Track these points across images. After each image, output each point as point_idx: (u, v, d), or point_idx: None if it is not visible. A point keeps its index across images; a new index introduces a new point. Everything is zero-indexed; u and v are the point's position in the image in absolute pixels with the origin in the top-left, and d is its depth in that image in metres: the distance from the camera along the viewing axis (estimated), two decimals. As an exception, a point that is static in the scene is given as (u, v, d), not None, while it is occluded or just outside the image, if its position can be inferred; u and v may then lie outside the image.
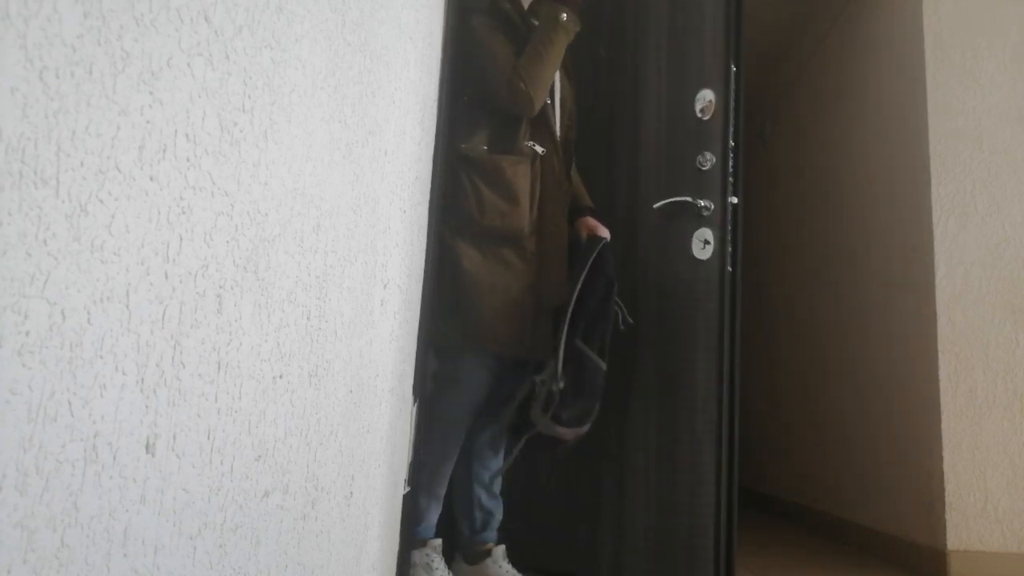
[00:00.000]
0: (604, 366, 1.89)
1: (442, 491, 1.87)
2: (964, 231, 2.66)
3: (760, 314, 4.56)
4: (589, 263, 1.92)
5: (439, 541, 1.88)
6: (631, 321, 2.01)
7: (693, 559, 2.03)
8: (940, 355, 2.58)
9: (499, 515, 1.99)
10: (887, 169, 3.10)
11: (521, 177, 1.85)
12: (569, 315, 1.86)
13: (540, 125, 1.93)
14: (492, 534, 1.97)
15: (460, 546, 1.99)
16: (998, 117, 2.73)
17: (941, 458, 2.53)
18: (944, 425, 2.54)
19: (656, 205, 2.15)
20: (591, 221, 2.11)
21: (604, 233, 2.06)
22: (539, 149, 1.90)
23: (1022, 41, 2.79)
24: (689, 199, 2.12)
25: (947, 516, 2.48)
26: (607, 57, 2.35)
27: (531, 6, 2.04)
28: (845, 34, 3.65)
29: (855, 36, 3.53)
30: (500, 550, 1.96)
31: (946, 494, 2.50)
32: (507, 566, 1.94)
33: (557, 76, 2.01)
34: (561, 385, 1.82)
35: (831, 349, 3.63)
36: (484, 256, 1.83)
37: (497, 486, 2.01)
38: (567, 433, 1.87)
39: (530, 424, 1.87)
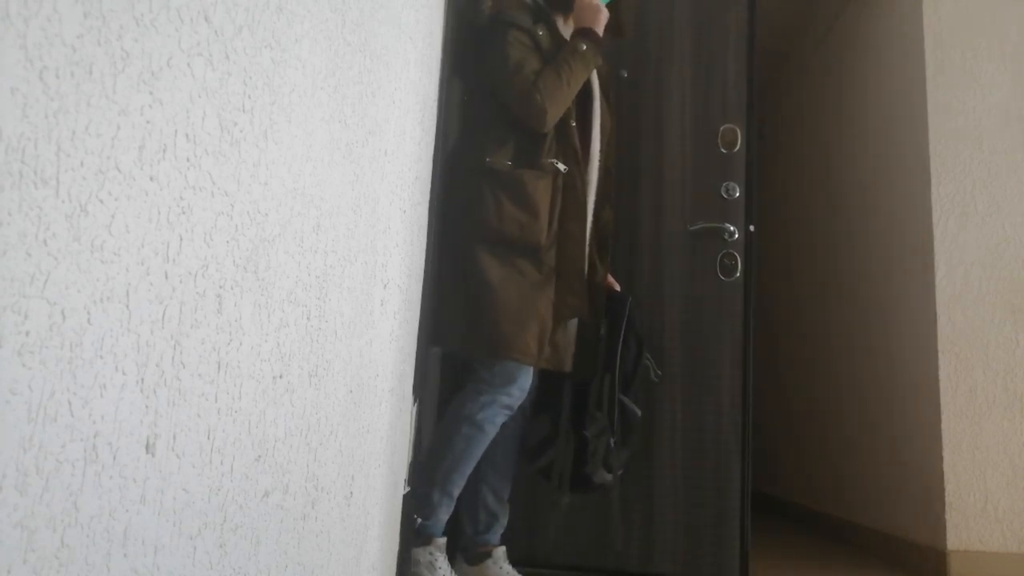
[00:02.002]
0: (639, 413, 2.05)
1: (456, 491, 1.86)
2: (964, 231, 2.66)
3: (760, 314, 4.56)
4: (624, 325, 2.04)
5: (444, 540, 1.87)
6: (660, 373, 2.25)
7: (719, 550, 2.22)
8: (940, 355, 2.58)
9: (504, 520, 2.00)
10: (887, 169, 3.10)
11: (542, 191, 1.87)
12: (618, 375, 2.00)
13: (565, 144, 1.94)
14: (495, 536, 1.97)
15: (461, 546, 1.99)
16: (998, 117, 2.73)
17: (941, 458, 2.53)
18: (944, 425, 2.54)
19: (692, 227, 2.37)
20: (608, 277, 2.19)
21: (617, 288, 2.18)
22: (561, 167, 1.91)
23: (1022, 41, 2.79)
24: (720, 224, 2.34)
25: (947, 516, 2.48)
26: (628, 79, 2.49)
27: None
28: (845, 34, 3.65)
29: (855, 36, 3.53)
30: (501, 551, 1.96)
31: (946, 494, 2.50)
32: (507, 567, 1.94)
33: (597, 101, 2.06)
34: (614, 440, 1.97)
35: (831, 349, 3.63)
36: (501, 264, 1.84)
37: (506, 492, 2.01)
38: (614, 479, 2.01)
39: (588, 480, 1.97)
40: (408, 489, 1.73)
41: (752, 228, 2.34)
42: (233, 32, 0.71)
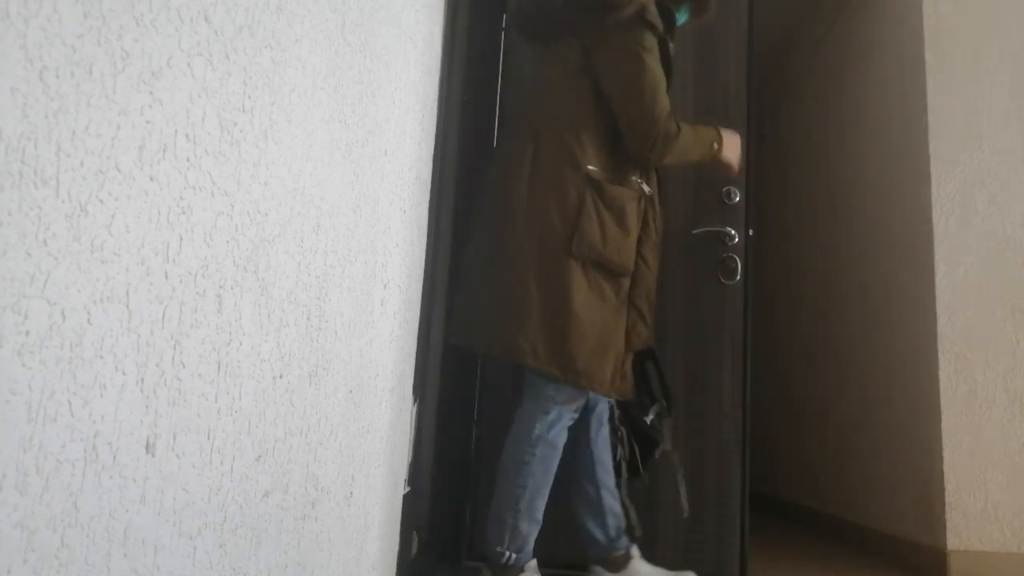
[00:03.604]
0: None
1: (541, 514, 1.81)
2: (964, 231, 2.66)
3: (761, 314, 4.56)
4: None
5: (535, 561, 1.82)
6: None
7: (719, 550, 2.24)
8: (940, 355, 2.58)
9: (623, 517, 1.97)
10: (887, 169, 3.10)
11: (636, 214, 1.82)
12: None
13: (647, 164, 1.89)
14: (625, 539, 1.92)
15: (595, 558, 1.92)
16: (998, 117, 2.73)
17: (941, 458, 2.53)
18: (944, 425, 2.54)
19: (695, 231, 2.39)
20: None
21: None
22: (646, 188, 1.87)
23: (1022, 41, 2.79)
24: (721, 228, 2.37)
25: (947, 516, 2.48)
26: None
27: None
28: (845, 34, 3.65)
29: (855, 36, 3.53)
30: (636, 550, 1.92)
31: (946, 494, 2.50)
32: (647, 566, 1.90)
33: None
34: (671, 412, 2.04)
35: (831, 349, 3.63)
36: (589, 287, 1.75)
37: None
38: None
39: (656, 443, 2.01)
40: (408, 489, 1.73)
41: (752, 232, 2.36)
42: (233, 32, 0.71)
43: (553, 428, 1.79)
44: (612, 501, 1.92)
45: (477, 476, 2.26)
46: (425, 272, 1.76)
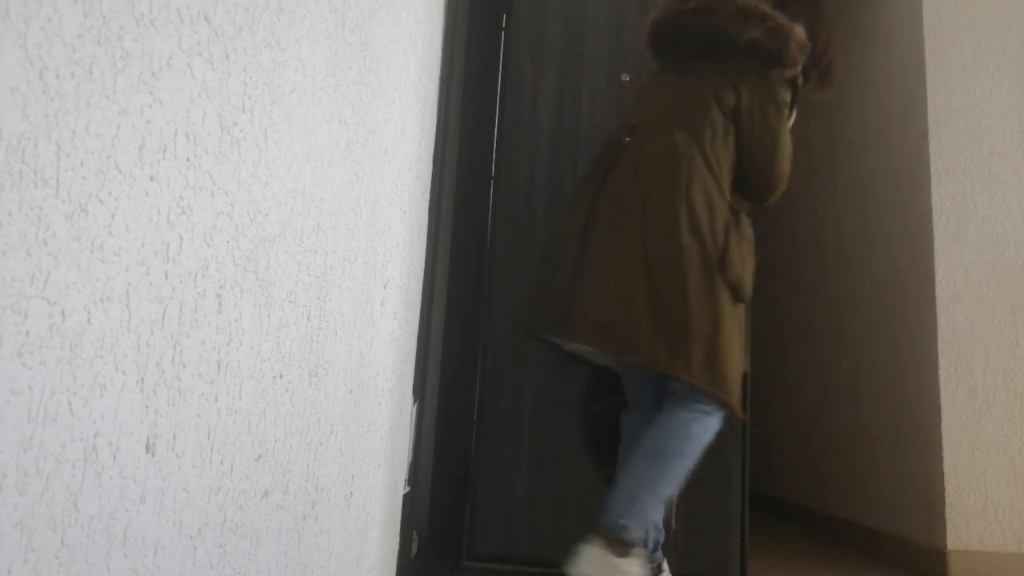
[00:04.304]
0: None
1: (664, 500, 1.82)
2: (964, 231, 2.66)
3: (761, 313, 4.55)
4: None
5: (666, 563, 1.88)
6: None
7: (719, 550, 2.24)
8: (940, 355, 2.58)
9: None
10: (887, 169, 3.10)
11: (752, 247, 1.92)
12: None
13: (755, 211, 2.00)
14: (660, 553, 1.93)
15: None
16: (998, 117, 2.73)
17: (941, 458, 2.53)
18: (944, 425, 2.54)
19: None
20: None
21: None
22: (749, 231, 1.95)
23: (1022, 41, 2.79)
24: None
25: (947, 516, 2.48)
26: (629, 83, 2.49)
27: None
28: (845, 33, 3.65)
29: (855, 35, 3.53)
30: (667, 564, 1.94)
31: (946, 494, 2.49)
32: None
33: None
34: None
35: (830, 349, 3.63)
36: (730, 308, 1.80)
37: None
38: None
39: None
40: (408, 489, 1.73)
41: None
42: (233, 32, 0.71)
43: (707, 432, 1.81)
44: (662, 514, 1.93)
45: (477, 476, 2.26)
46: (425, 272, 1.76)
